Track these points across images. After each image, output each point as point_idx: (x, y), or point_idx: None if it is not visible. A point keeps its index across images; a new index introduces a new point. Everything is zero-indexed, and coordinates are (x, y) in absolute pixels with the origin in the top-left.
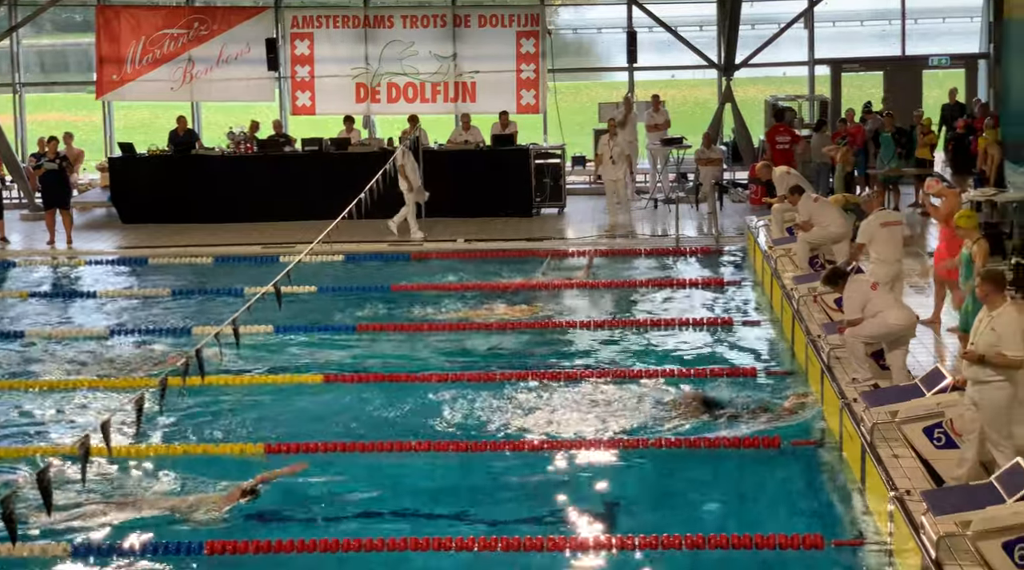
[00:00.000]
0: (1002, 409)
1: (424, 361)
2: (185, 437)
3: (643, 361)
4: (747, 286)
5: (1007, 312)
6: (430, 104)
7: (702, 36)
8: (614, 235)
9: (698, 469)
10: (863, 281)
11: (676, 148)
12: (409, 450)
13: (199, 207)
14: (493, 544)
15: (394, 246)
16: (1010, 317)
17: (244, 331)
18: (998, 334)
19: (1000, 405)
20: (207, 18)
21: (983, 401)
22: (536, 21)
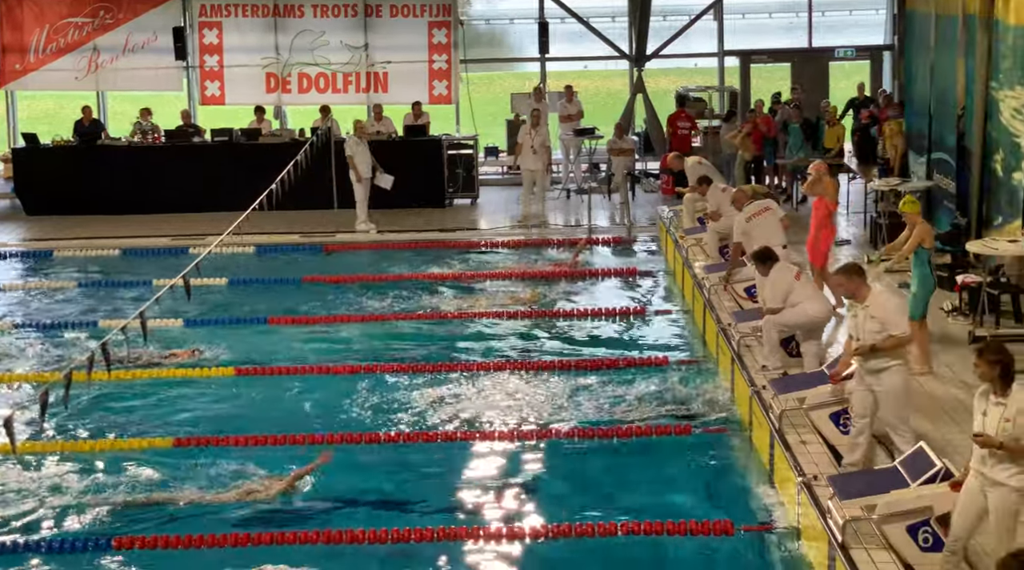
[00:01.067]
0: (901, 393)
1: (337, 353)
2: (93, 432)
3: (555, 351)
4: (659, 275)
5: (878, 297)
6: (342, 94)
7: (614, 27)
8: (527, 225)
9: (609, 458)
10: (788, 269)
11: (588, 138)
12: (320, 443)
13: (106, 198)
14: (406, 535)
15: (306, 237)
16: (884, 300)
17: (153, 324)
18: (880, 320)
19: (899, 389)
20: (113, 6)
21: (882, 388)
22: (448, 11)
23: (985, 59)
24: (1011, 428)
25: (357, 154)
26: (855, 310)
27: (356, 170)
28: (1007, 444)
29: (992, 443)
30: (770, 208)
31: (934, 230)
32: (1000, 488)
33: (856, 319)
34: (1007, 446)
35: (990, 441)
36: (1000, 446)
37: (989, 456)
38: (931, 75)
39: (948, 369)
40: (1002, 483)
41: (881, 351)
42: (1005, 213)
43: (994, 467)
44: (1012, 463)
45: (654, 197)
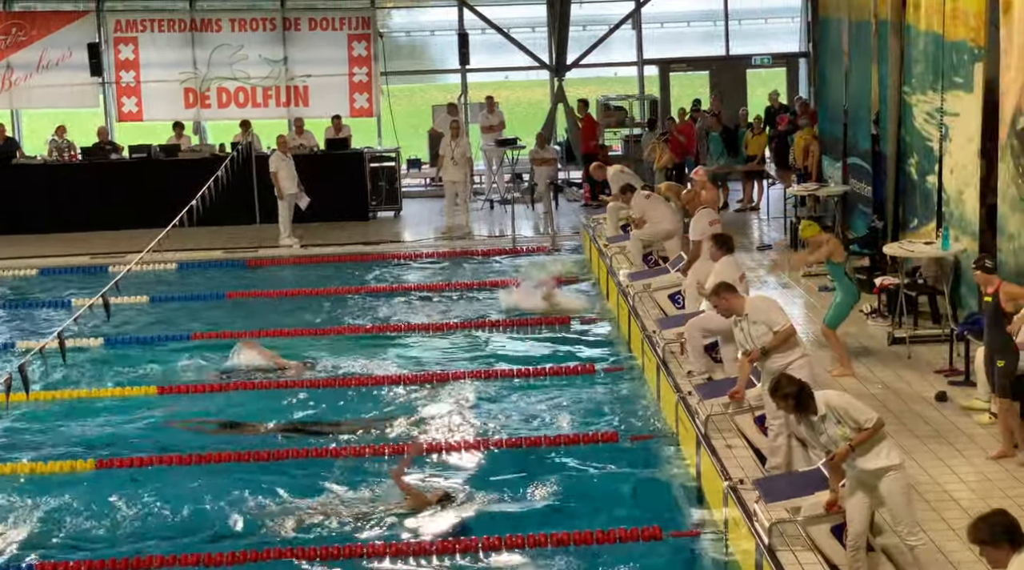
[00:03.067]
0: None
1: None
2: (11, 455)
3: (481, 362)
4: (583, 284)
5: (754, 304)
6: (262, 109)
7: (534, 37)
8: (451, 237)
9: (537, 466)
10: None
11: (510, 149)
12: (247, 460)
13: (22, 217)
14: (335, 553)
15: (228, 253)
16: (759, 304)
17: (72, 344)
18: (762, 322)
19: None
20: (25, 23)
21: None
22: (367, 24)
23: (898, 64)
24: (848, 431)
25: (281, 170)
26: (739, 324)
27: (279, 186)
28: (853, 442)
29: (843, 452)
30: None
31: (851, 233)
32: (881, 475)
33: (743, 332)
34: (854, 443)
35: (841, 452)
36: (851, 447)
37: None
38: (845, 81)
39: (868, 371)
40: (876, 469)
41: (773, 351)
42: (920, 216)
43: (860, 460)
44: (869, 450)
45: (576, 206)
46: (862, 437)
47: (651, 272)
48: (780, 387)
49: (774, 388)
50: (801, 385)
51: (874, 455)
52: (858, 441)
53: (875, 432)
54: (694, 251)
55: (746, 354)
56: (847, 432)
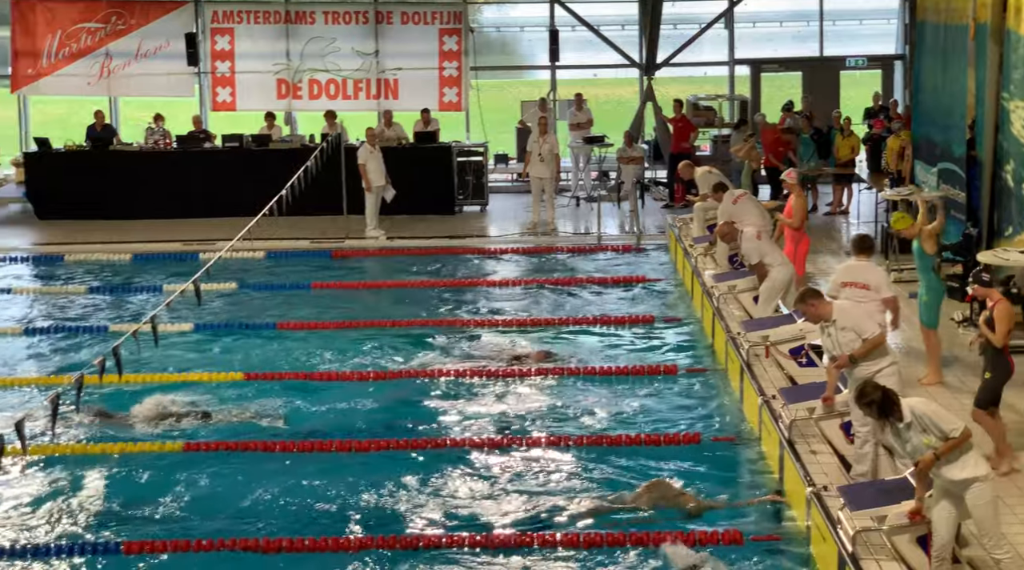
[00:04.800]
0: None
1: (345, 359)
2: (104, 436)
3: (564, 359)
4: (668, 284)
5: (842, 310)
6: (352, 101)
7: (624, 35)
8: (536, 233)
9: (619, 465)
10: None
11: (598, 146)
12: (329, 450)
13: (117, 203)
14: (413, 543)
15: (315, 244)
16: (848, 311)
17: (163, 329)
18: (852, 328)
19: None
20: (125, 12)
21: None
22: (459, 19)
23: (996, 69)
24: (934, 440)
25: (369, 162)
26: (827, 329)
27: (367, 178)
28: (938, 452)
29: (928, 461)
30: None
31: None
32: (967, 486)
33: (830, 337)
34: (940, 453)
35: (926, 461)
36: (936, 456)
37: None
38: (941, 85)
39: (959, 380)
40: (962, 480)
41: (861, 358)
42: (1016, 223)
43: (945, 470)
44: (955, 460)
45: (662, 205)
46: (948, 447)
47: (736, 273)
48: (864, 394)
49: (859, 395)
50: (885, 392)
51: (960, 465)
52: (944, 450)
53: (962, 442)
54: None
55: (833, 360)
56: (932, 441)
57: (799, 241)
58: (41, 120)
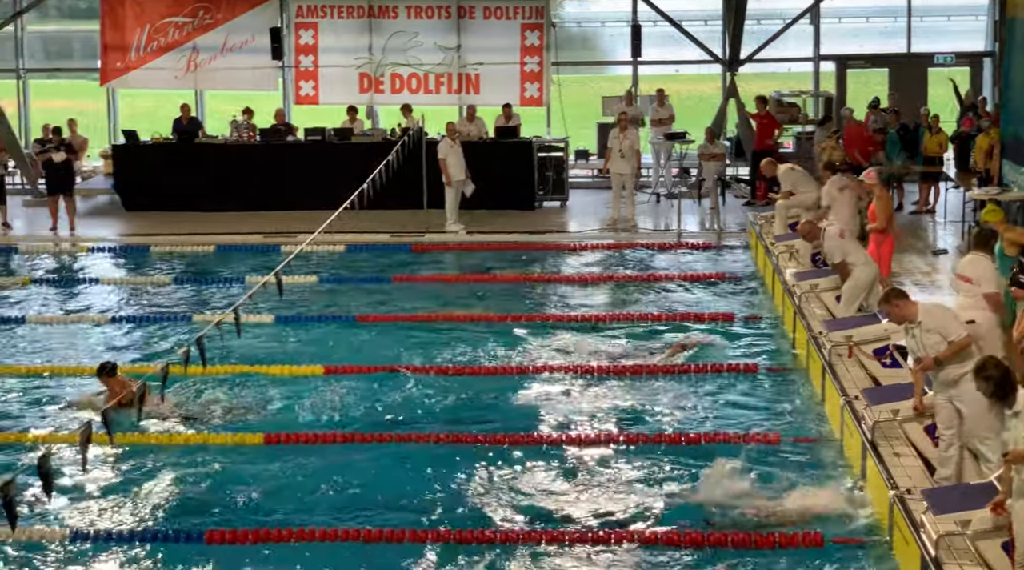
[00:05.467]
0: (982, 399)
1: (424, 352)
2: (186, 426)
3: (641, 356)
4: (748, 281)
5: (927, 312)
6: (434, 95)
7: (707, 30)
8: (616, 229)
9: (697, 464)
10: None
11: (679, 143)
12: (408, 441)
13: (201, 195)
14: (491, 537)
15: (395, 237)
16: (934, 313)
17: (246, 319)
18: (937, 330)
19: (979, 396)
20: (212, 7)
21: (963, 398)
22: (540, 14)
23: None
24: (934, 338)
25: (449, 156)
26: (912, 331)
27: (447, 173)
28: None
29: (929, 364)
30: None
31: None
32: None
33: (915, 339)
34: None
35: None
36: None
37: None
38: None
39: None
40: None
41: (947, 361)
42: None
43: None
44: None
45: (743, 202)
46: None
47: (818, 272)
48: (985, 367)
49: (979, 368)
50: (1007, 372)
51: None
52: None
53: None
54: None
55: (917, 362)
56: None
57: (882, 241)
58: (129, 113)
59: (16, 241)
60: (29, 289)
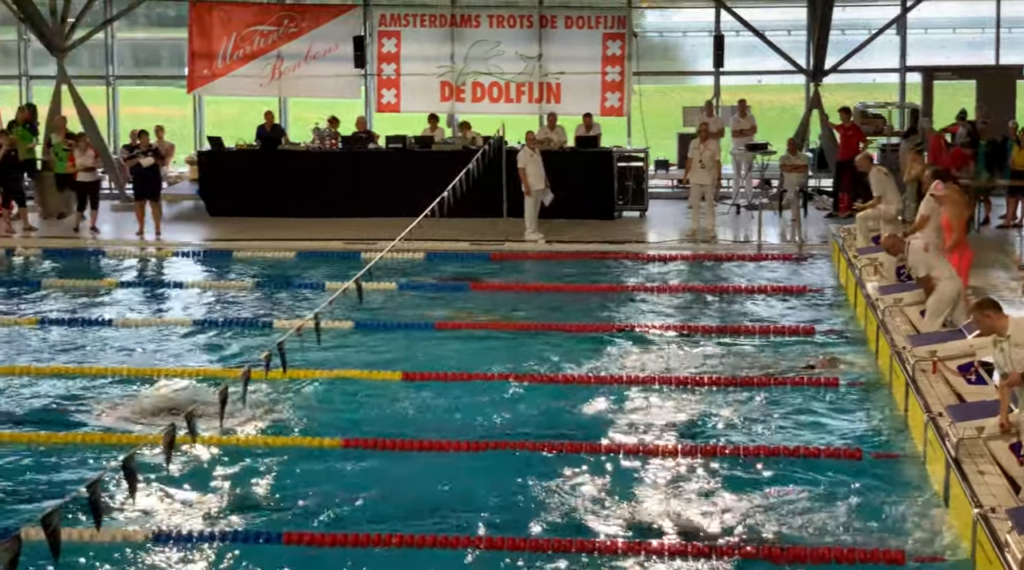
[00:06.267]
0: None
1: (502, 360)
2: (267, 429)
3: (720, 367)
4: (830, 294)
5: (1018, 325)
6: (515, 104)
7: (790, 40)
8: (696, 240)
9: (776, 477)
10: None
11: (760, 154)
12: (485, 449)
13: (284, 201)
14: (565, 546)
15: (475, 245)
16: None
17: (326, 325)
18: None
19: None
20: (297, 15)
21: None
22: (623, 23)
23: None
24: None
25: (528, 166)
26: (1000, 344)
27: (526, 182)
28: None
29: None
30: None
31: None
32: None
33: (1003, 353)
34: None
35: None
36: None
37: None
38: None
39: None
40: None
41: None
42: None
43: None
44: None
45: (825, 215)
46: None
47: (902, 286)
48: None
49: None
50: None
51: None
52: None
53: None
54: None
55: (1004, 378)
56: None
57: (962, 254)
58: (215, 120)
59: (104, 245)
60: (116, 292)
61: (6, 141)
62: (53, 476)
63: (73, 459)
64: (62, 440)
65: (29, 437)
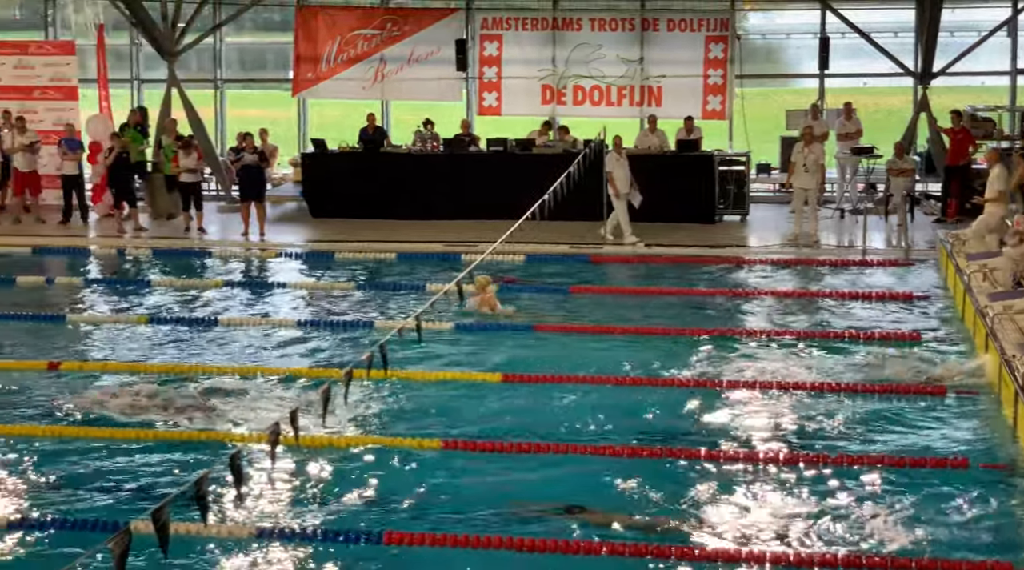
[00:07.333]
0: None
1: (601, 363)
2: (365, 428)
3: (824, 374)
4: (937, 301)
5: None
6: (615, 107)
7: (897, 42)
8: (798, 244)
9: (880, 487)
10: None
11: (866, 157)
12: (584, 453)
13: (385, 203)
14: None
15: (574, 248)
16: None
17: (425, 327)
18: None
19: None
20: (400, 19)
21: None
22: (725, 26)
23: None
24: None
25: (616, 170)
26: None
27: (615, 185)
28: None
29: None
30: None
31: None
32: None
33: None
34: None
35: None
36: None
37: None
38: None
39: None
40: None
41: None
42: None
43: None
44: None
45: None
46: None
47: (1013, 293)
48: None
49: None
50: None
51: None
52: None
53: None
54: None
55: None
56: None
57: None
58: (319, 122)
59: (210, 245)
60: (221, 292)
61: (118, 143)
62: (156, 469)
63: (175, 454)
64: (167, 436)
65: (136, 434)
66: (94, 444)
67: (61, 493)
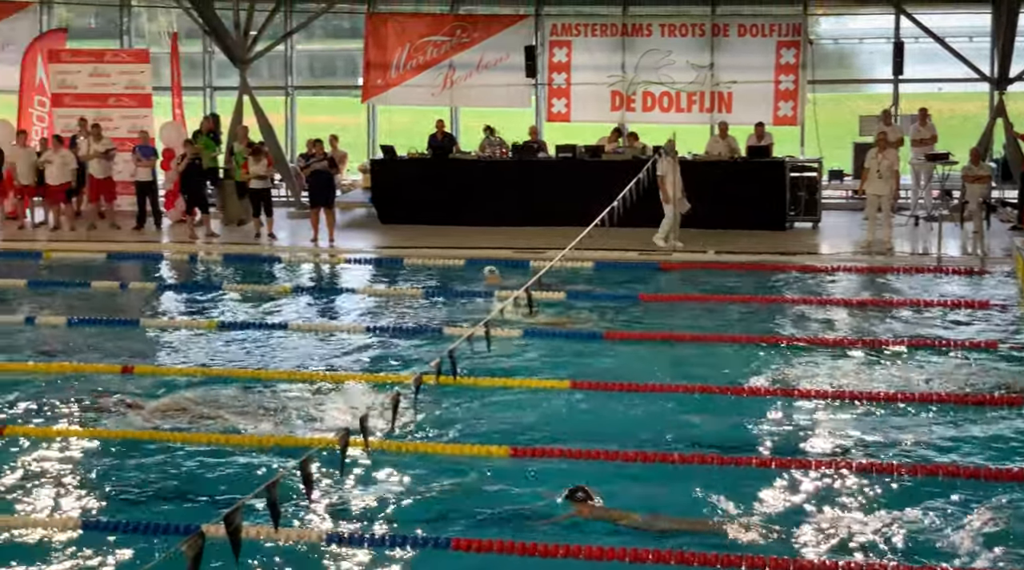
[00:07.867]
0: None
1: (672, 371)
2: (433, 435)
3: (898, 383)
4: (1015, 310)
5: None
6: (685, 114)
7: (972, 47)
8: (871, 252)
9: (954, 499)
10: None
11: (941, 164)
12: (652, 461)
13: (454, 210)
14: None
15: (644, 256)
16: None
17: (494, 334)
18: None
19: None
20: (469, 26)
21: None
22: (797, 31)
23: None
24: None
25: (668, 175)
26: None
27: (666, 191)
28: None
29: None
30: None
31: None
32: None
33: None
34: None
35: None
36: None
37: None
38: None
39: None
40: None
41: None
42: None
43: None
44: None
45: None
46: None
47: None
48: None
49: None
50: None
51: None
52: None
53: None
54: None
55: None
56: None
57: None
58: (388, 128)
59: (280, 251)
60: (291, 297)
61: (191, 150)
62: (228, 473)
63: (246, 458)
64: (238, 441)
65: (207, 438)
66: (166, 446)
67: (132, 495)
